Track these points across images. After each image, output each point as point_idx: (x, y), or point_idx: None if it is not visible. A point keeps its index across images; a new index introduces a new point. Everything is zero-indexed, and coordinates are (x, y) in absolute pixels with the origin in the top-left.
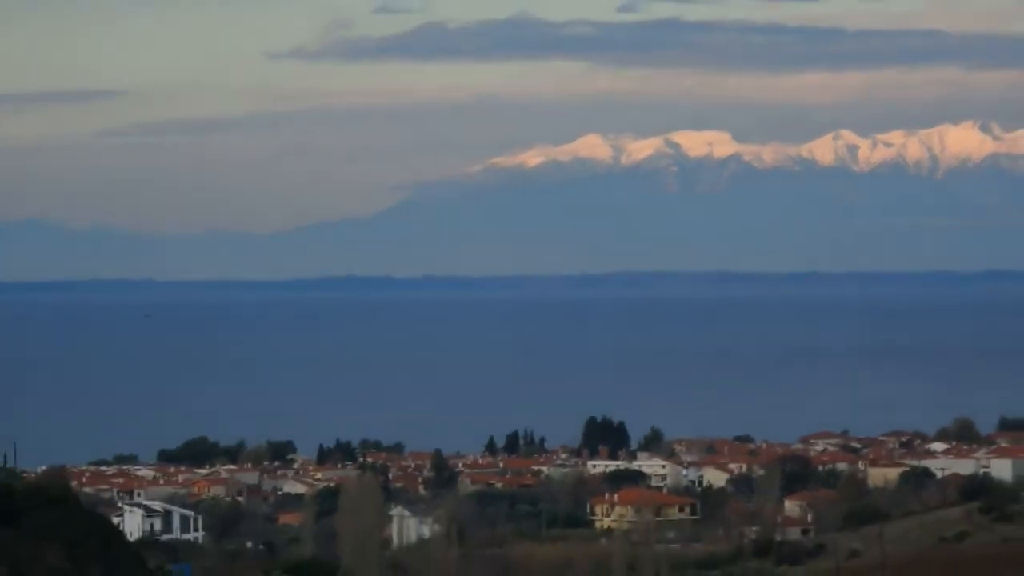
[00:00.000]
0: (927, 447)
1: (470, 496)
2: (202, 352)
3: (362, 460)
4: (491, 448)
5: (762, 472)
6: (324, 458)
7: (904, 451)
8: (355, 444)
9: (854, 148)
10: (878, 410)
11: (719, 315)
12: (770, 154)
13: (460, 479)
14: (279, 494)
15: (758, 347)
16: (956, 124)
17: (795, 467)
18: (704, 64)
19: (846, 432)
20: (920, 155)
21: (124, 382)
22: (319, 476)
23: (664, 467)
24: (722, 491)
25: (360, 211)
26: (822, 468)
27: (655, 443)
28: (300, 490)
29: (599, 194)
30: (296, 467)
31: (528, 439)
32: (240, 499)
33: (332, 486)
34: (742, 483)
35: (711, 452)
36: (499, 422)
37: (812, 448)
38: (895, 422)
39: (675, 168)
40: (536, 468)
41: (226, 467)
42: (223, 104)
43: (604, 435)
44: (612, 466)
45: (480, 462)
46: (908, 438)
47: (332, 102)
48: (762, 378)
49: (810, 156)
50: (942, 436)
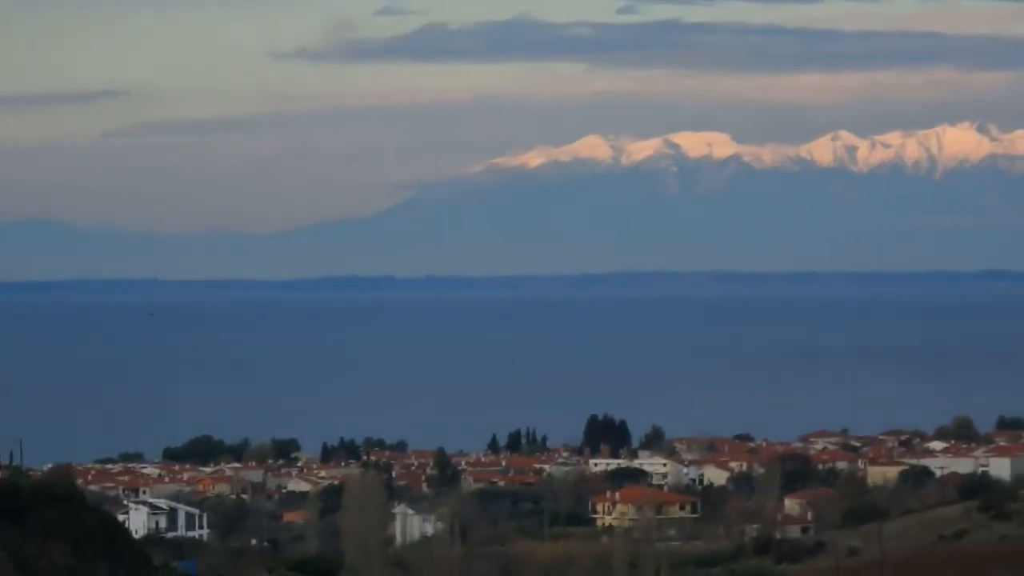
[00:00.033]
0: (926, 446)
1: (473, 494)
2: (205, 351)
3: (366, 458)
4: (494, 446)
5: (762, 470)
6: (328, 456)
7: (903, 450)
8: (359, 442)
9: (853, 149)
10: (877, 409)
11: (719, 315)
12: (769, 155)
13: (463, 477)
14: (283, 492)
15: (758, 347)
16: (954, 125)
17: (795, 465)
18: (703, 65)
19: (846, 431)
20: (918, 156)
21: (128, 381)
22: (323, 474)
23: (665, 465)
24: (722, 489)
25: (362, 211)
26: (822, 467)
27: (656, 442)
28: (304, 488)
29: (599, 194)
30: (300, 465)
31: (530, 438)
32: (245, 497)
33: (336, 484)
34: (742, 481)
35: (712, 451)
36: (501, 421)
37: (812, 447)
38: (894, 421)
39: (675, 168)
40: (538, 466)
41: (231, 465)
42: (225, 104)
43: (605, 434)
44: (613, 464)
45: (483, 460)
46: (907, 437)
47: (334, 102)
48: (762, 377)
49: (809, 157)
50: (941, 435)
